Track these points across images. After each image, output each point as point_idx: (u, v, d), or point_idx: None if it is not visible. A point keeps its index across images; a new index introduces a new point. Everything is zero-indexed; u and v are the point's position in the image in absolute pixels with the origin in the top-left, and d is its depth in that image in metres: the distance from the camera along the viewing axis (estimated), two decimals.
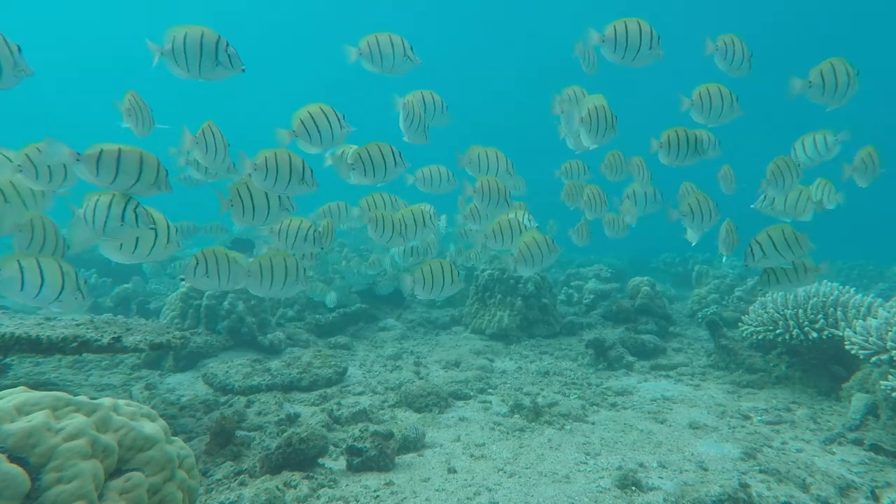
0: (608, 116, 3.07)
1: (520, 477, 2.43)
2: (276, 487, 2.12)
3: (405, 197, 3.87)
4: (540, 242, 3.16)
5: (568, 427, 3.10)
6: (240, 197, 2.77)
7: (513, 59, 39.58)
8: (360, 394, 3.72)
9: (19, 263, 2.18)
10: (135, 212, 2.28)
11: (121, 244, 2.40)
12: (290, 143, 2.87)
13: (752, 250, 2.83)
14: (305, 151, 2.93)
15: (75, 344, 2.55)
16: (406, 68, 3.00)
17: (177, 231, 2.54)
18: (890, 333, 2.86)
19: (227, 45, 2.54)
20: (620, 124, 3.17)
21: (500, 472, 2.48)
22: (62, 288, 2.26)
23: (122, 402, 1.44)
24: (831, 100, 2.98)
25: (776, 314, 3.92)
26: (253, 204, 2.78)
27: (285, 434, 2.43)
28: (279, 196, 2.81)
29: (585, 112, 3.07)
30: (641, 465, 2.58)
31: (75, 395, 1.35)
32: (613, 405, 3.55)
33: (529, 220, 3.73)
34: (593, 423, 3.17)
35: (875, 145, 3.26)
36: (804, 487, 2.35)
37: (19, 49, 2.32)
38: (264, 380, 3.72)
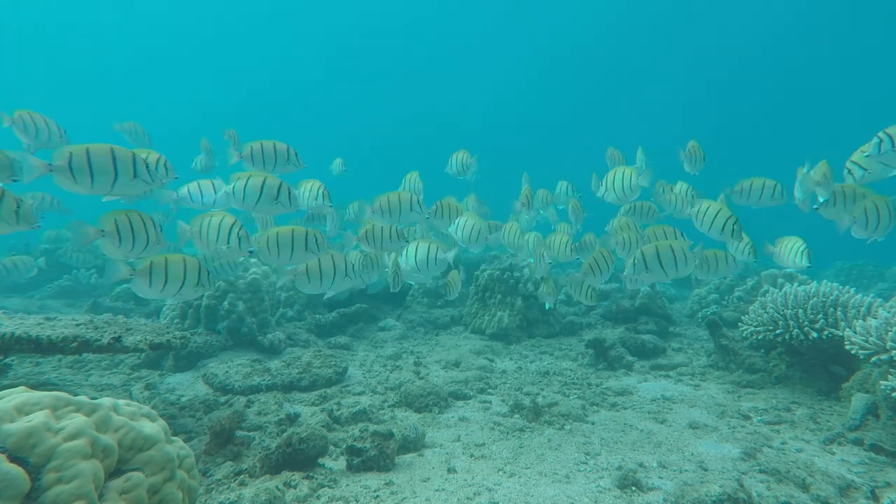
0: None
1: (520, 477, 2.43)
2: (276, 487, 2.12)
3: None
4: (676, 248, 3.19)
5: (568, 427, 3.10)
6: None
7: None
8: (360, 394, 3.72)
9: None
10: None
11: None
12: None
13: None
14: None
15: (75, 344, 2.55)
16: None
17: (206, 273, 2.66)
18: (890, 333, 2.85)
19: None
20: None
21: (500, 472, 2.48)
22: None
23: (122, 402, 1.44)
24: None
25: (776, 314, 3.92)
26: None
27: (285, 434, 2.43)
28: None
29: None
30: (641, 465, 2.58)
31: (75, 395, 1.35)
32: (613, 405, 3.55)
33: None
34: (593, 423, 3.17)
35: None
36: (804, 487, 2.35)
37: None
38: (264, 380, 3.72)
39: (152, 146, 5.20)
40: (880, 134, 2.95)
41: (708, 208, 3.22)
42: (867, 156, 3.00)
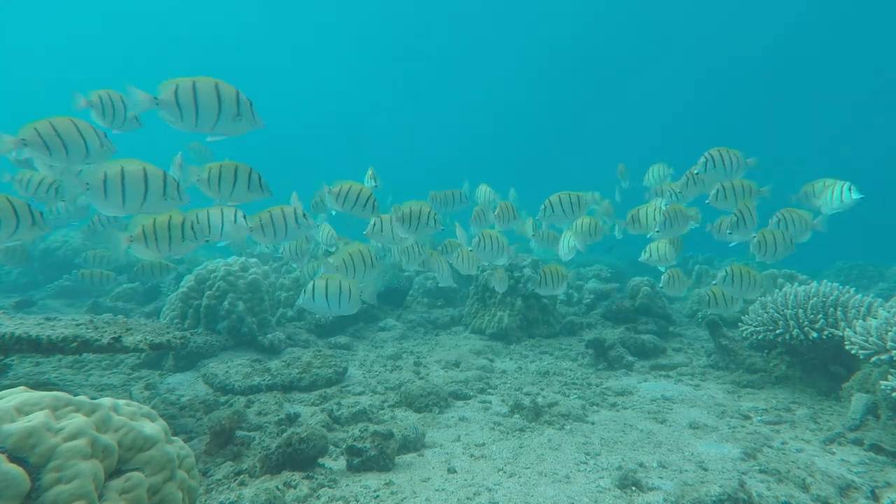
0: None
1: (520, 477, 2.43)
2: (276, 487, 2.12)
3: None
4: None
5: (568, 427, 3.10)
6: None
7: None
8: (360, 394, 3.72)
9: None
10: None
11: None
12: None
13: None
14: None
15: (75, 344, 2.55)
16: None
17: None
18: (890, 333, 2.85)
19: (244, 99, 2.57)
20: None
21: (500, 472, 2.48)
22: None
23: (122, 402, 1.44)
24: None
25: (776, 314, 3.92)
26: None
27: (285, 434, 2.43)
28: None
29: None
30: (641, 465, 2.58)
31: (75, 395, 1.35)
32: (613, 405, 3.55)
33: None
34: (593, 423, 3.17)
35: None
36: (804, 487, 2.35)
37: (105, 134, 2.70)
38: (264, 380, 3.72)
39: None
40: (706, 154, 3.44)
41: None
42: (697, 172, 3.44)
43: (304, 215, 3.13)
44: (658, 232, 3.59)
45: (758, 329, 4.02)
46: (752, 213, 3.42)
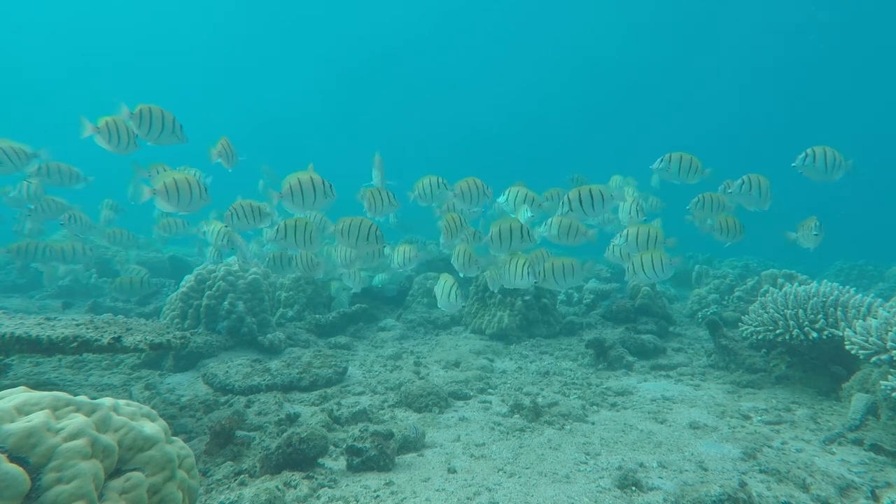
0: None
1: (520, 477, 2.43)
2: (276, 487, 2.12)
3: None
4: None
5: (568, 427, 3.10)
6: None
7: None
8: (360, 394, 3.72)
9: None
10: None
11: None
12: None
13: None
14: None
15: (75, 344, 2.55)
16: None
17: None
18: (890, 333, 2.85)
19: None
20: None
21: (500, 472, 2.48)
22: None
23: (122, 402, 1.44)
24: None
25: (776, 314, 3.92)
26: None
27: (285, 434, 2.43)
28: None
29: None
30: (641, 465, 2.58)
31: (75, 395, 1.35)
32: (613, 405, 3.55)
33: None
34: (593, 423, 3.17)
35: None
36: (804, 487, 2.35)
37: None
38: (264, 380, 3.72)
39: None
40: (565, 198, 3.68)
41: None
42: (566, 212, 3.73)
43: (486, 186, 3.84)
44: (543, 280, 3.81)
45: (758, 329, 4.02)
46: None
